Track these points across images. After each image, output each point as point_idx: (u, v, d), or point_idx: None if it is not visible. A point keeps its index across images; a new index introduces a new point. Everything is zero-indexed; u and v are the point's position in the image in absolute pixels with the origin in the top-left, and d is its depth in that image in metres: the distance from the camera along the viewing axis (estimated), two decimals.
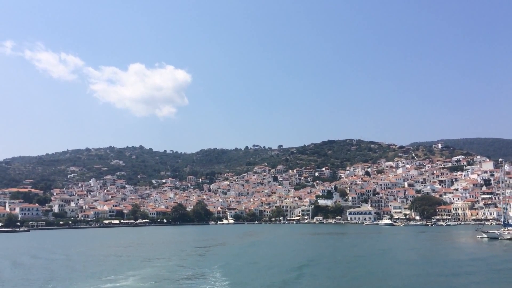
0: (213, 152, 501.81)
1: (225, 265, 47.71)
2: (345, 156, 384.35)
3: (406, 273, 41.57)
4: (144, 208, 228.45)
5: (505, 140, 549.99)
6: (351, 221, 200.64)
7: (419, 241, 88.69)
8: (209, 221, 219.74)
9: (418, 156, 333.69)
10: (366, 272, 41.75)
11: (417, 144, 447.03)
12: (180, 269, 45.66)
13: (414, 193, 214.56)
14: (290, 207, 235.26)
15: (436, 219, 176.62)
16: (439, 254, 59.32)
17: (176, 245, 79.80)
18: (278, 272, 41.13)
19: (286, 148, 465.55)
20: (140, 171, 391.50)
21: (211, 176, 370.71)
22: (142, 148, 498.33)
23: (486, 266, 45.28)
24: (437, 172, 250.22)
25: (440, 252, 62.67)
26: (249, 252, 66.12)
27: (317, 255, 56.85)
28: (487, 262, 47.84)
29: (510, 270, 41.99)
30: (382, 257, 55.72)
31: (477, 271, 41.93)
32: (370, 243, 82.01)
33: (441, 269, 43.26)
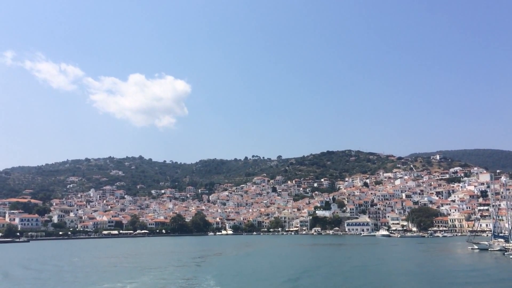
0: (212, 162, 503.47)
1: (220, 274, 49.37)
2: (343, 167, 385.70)
3: (401, 282, 43.21)
4: (143, 219, 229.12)
5: (504, 152, 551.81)
6: (349, 232, 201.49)
7: (414, 252, 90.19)
8: (208, 232, 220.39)
9: (416, 168, 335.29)
10: (363, 282, 43.20)
11: (416, 155, 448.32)
12: (176, 278, 47.42)
13: (411, 205, 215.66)
14: (288, 218, 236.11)
15: (432, 231, 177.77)
16: (431, 265, 60.96)
17: (173, 255, 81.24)
18: (273, 283, 42.58)
19: (285, 159, 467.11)
20: (140, 181, 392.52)
21: (210, 187, 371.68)
22: (142, 159, 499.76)
23: (477, 276, 46.87)
24: (434, 183, 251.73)
25: (432, 263, 64.33)
26: (245, 262, 67.69)
27: (314, 265, 58.27)
28: (478, 273, 49.40)
29: (501, 281, 43.71)
30: (378, 267, 57.30)
31: (469, 281, 43.52)
32: (366, 254, 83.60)
33: (434, 279, 44.83)
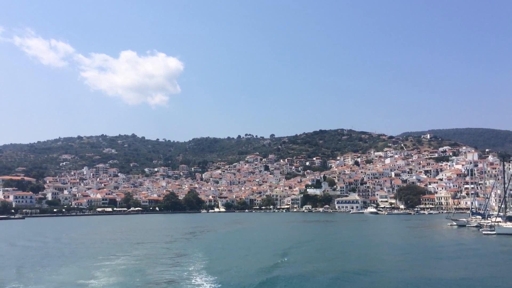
0: (205, 141, 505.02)
1: (209, 248, 52.24)
2: (336, 146, 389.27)
3: (382, 254, 46.59)
4: (136, 197, 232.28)
5: (495, 131, 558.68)
6: (338, 209, 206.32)
7: (398, 227, 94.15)
8: (201, 210, 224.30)
9: (407, 147, 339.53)
10: (347, 255, 46.14)
11: (408, 134, 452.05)
12: (167, 250, 50.28)
13: (400, 183, 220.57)
14: (280, 196, 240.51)
15: (419, 208, 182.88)
16: (410, 239, 64.77)
17: (166, 231, 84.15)
18: (262, 255, 45.29)
19: (278, 138, 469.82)
20: (133, 159, 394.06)
21: (203, 165, 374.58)
22: (135, 137, 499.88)
23: (451, 248, 50.33)
24: (423, 162, 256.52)
25: (412, 237, 68.20)
26: (234, 237, 70.75)
27: (302, 240, 60.82)
28: (453, 246, 52.96)
29: (472, 251, 47.48)
30: (362, 241, 61.05)
31: (441, 252, 46.96)
32: (353, 230, 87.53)
33: (412, 252, 48.22)
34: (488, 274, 33.70)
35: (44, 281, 32.39)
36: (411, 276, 32.38)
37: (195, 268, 36.31)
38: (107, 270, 36.04)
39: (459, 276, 32.46)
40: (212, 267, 36.48)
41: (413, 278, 31.66)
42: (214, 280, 30.93)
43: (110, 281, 31.72)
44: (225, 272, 34.14)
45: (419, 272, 34.26)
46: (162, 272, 34.66)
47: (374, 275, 32.78)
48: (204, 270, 34.88)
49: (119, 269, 36.39)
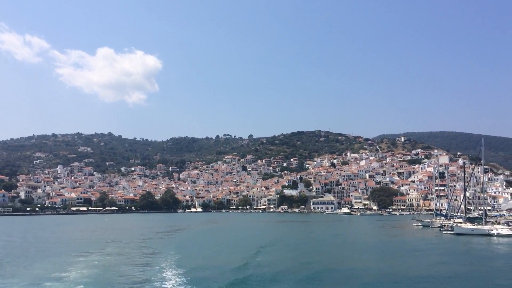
0: (183, 140, 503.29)
1: (182, 245, 53.76)
2: (313, 147, 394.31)
3: (350, 252, 49.44)
4: (112, 196, 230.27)
5: (467, 134, 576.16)
6: (314, 210, 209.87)
7: (368, 228, 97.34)
8: (177, 209, 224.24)
9: (382, 149, 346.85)
10: (317, 253, 48.44)
11: (384, 136, 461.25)
12: (141, 247, 51.68)
13: (374, 184, 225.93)
14: (257, 196, 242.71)
15: (391, 209, 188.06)
16: (376, 238, 67.87)
17: (140, 230, 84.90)
18: (231, 252, 47.01)
19: (256, 138, 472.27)
20: (109, 158, 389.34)
21: (181, 165, 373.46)
22: (111, 135, 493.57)
23: (412, 247, 53.47)
24: (397, 164, 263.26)
25: (377, 236, 71.38)
26: (208, 235, 72.35)
27: (274, 239, 62.97)
28: (414, 244, 56.30)
29: (431, 249, 50.65)
30: (333, 240, 63.87)
31: (402, 249, 49.97)
32: (324, 229, 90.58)
33: (377, 249, 51.30)
34: (439, 269, 36.51)
35: (19, 274, 33.49)
36: (376, 272, 34.87)
37: (166, 264, 37.77)
38: (80, 265, 37.14)
39: (414, 272, 35.15)
40: (183, 264, 37.91)
41: (377, 273, 34.15)
42: (184, 276, 32.40)
43: (83, 274, 32.97)
44: (196, 269, 35.56)
45: (383, 268, 36.88)
46: (133, 268, 35.93)
47: (342, 272, 34.99)
48: (175, 267, 36.33)
49: (91, 265, 37.57)
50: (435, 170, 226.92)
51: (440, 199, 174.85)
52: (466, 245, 55.84)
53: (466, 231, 65.71)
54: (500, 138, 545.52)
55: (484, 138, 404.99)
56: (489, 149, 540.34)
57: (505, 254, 47.51)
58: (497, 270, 36.82)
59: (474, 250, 51.74)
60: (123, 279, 31.37)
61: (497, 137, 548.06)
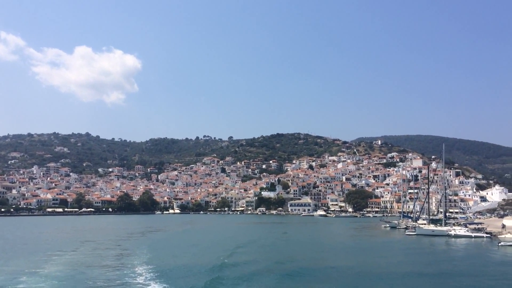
0: (163, 141, 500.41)
1: (155, 245, 55.37)
2: (292, 150, 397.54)
3: (321, 251, 52.22)
4: (89, 197, 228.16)
5: (443, 138, 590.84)
6: (291, 212, 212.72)
7: (340, 229, 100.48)
8: (155, 211, 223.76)
9: (359, 152, 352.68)
10: (290, 252, 50.89)
11: (362, 139, 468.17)
12: (115, 247, 53.12)
13: (350, 187, 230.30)
14: (235, 198, 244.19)
15: (366, 211, 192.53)
16: (345, 238, 71.03)
17: (116, 231, 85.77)
18: (199, 252, 48.89)
19: (236, 140, 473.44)
20: (86, 159, 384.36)
21: (160, 166, 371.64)
22: (89, 135, 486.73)
23: (375, 246, 56.79)
24: (373, 167, 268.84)
25: (347, 236, 74.62)
26: (182, 236, 73.97)
27: (248, 240, 64.71)
28: (378, 244, 59.60)
29: (393, 249, 53.90)
30: (307, 240, 67.02)
31: (367, 248, 53.08)
32: (298, 231, 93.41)
33: (343, 248, 54.30)
34: (399, 266, 39.73)
35: None
36: (343, 269, 37.86)
37: (137, 263, 39.34)
38: (54, 263, 38.55)
39: (376, 269, 38.30)
40: (154, 263, 39.52)
41: (344, 270, 37.16)
42: (154, 274, 33.95)
43: (57, 270, 34.46)
44: (166, 268, 37.10)
45: (349, 265, 39.91)
46: (105, 266, 37.46)
47: (312, 269, 37.67)
48: (146, 266, 37.92)
49: (65, 262, 38.96)
50: (408, 173, 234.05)
51: (408, 202, 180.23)
52: (425, 245, 59.99)
53: (427, 232, 69.48)
54: (474, 142, 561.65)
55: (459, 142, 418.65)
56: (463, 153, 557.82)
57: (456, 252, 52.18)
58: (448, 266, 40.12)
59: (431, 249, 55.77)
60: (94, 275, 32.94)
61: (471, 141, 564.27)
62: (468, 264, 41.93)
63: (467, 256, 49.20)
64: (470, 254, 50.36)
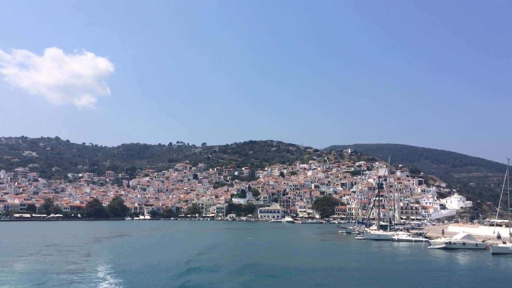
0: (135, 146, 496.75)
1: (118, 249, 58.30)
2: (264, 157, 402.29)
3: (275, 254, 56.75)
4: (57, 203, 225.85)
5: (412, 147, 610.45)
6: (261, 218, 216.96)
7: (303, 234, 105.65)
8: (125, 217, 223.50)
9: (329, 160, 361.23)
10: (249, 255, 54.67)
11: (334, 147, 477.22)
12: (75, 250, 55.71)
13: (318, 194, 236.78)
14: (206, 205, 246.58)
15: (332, 218, 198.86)
16: (305, 242, 76.08)
17: (81, 236, 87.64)
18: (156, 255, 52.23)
19: (209, 146, 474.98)
20: (55, 163, 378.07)
21: (131, 172, 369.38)
22: (58, 139, 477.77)
23: (325, 248, 62.00)
24: (341, 175, 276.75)
25: (307, 240, 79.74)
26: (145, 241, 76.76)
27: (210, 245, 68.03)
28: (329, 247, 65.07)
29: (342, 251, 59.15)
30: (268, 244, 71.70)
31: (320, 250, 58.15)
32: (264, 235, 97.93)
33: (301, 250, 59.15)
34: (345, 264, 44.61)
35: None
36: (298, 267, 43.03)
37: (97, 264, 42.38)
38: (17, 264, 41.16)
39: (325, 265, 43.07)
40: (116, 265, 42.45)
41: (299, 268, 42.32)
42: (115, 274, 36.92)
43: (19, 270, 37.18)
44: (126, 269, 40.02)
45: (303, 264, 45.30)
46: (67, 267, 40.27)
47: (269, 267, 42.48)
48: (106, 266, 41.04)
49: (27, 264, 41.59)
50: (375, 181, 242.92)
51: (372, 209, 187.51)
52: (370, 247, 66.56)
53: (374, 236, 75.66)
54: (442, 151, 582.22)
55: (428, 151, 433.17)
56: (431, 162, 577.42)
57: (394, 254, 58.70)
58: (386, 266, 45.56)
59: (373, 251, 62.11)
60: (55, 275, 35.81)
61: (439, 151, 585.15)
62: (387, 262, 48.98)
63: (394, 255, 57.24)
64: (397, 254, 58.36)
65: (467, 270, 43.24)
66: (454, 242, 59.11)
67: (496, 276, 39.41)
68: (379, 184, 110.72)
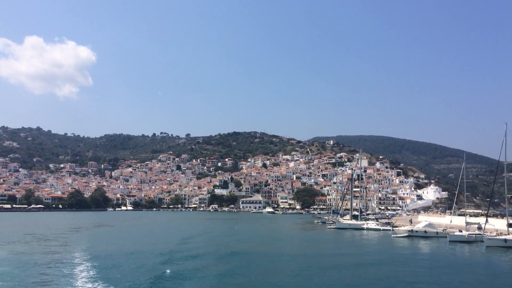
0: (118, 137, 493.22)
1: (95, 238, 60.09)
2: (248, 148, 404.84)
3: (249, 242, 59.13)
4: (38, 194, 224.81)
5: (393, 139, 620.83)
6: (243, 209, 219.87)
7: (282, 224, 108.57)
8: (107, 208, 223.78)
9: (312, 151, 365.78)
10: (227, 243, 57.29)
11: (318, 139, 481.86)
12: (54, 239, 57.27)
13: (300, 185, 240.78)
14: (188, 196, 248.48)
15: (312, 208, 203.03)
16: (281, 230, 79.08)
17: (61, 226, 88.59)
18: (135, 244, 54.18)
19: (193, 137, 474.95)
20: (37, 154, 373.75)
21: (114, 163, 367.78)
22: (40, 130, 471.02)
23: (299, 236, 65.22)
24: (322, 166, 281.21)
25: (283, 229, 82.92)
26: (124, 231, 78.50)
27: (186, 236, 69.88)
28: (303, 235, 68.34)
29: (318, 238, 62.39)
30: (244, 233, 74.40)
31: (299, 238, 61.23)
32: (243, 225, 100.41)
33: (275, 236, 62.14)
34: (311, 249, 47.63)
35: None
36: (271, 253, 46.43)
37: (74, 251, 44.29)
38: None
39: (291, 251, 46.31)
40: (90, 251, 44.45)
41: (272, 253, 45.83)
42: (88, 259, 39.00)
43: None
44: (101, 256, 42.05)
45: (275, 250, 48.81)
46: (44, 256, 42.00)
47: (246, 253, 45.40)
48: (82, 253, 42.94)
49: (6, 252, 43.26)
50: (354, 172, 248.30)
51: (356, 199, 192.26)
52: (339, 235, 70.36)
53: (345, 225, 79.22)
54: (422, 143, 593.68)
55: (409, 143, 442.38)
56: (412, 153, 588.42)
57: (360, 241, 63.11)
58: (352, 251, 48.94)
59: (344, 238, 65.88)
60: (32, 262, 37.57)
61: (420, 142, 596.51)
62: (351, 246, 53.96)
63: (359, 242, 61.90)
64: (362, 241, 63.14)
65: (423, 255, 47.04)
66: (416, 231, 62.89)
67: (448, 260, 42.92)
68: (352, 175, 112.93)
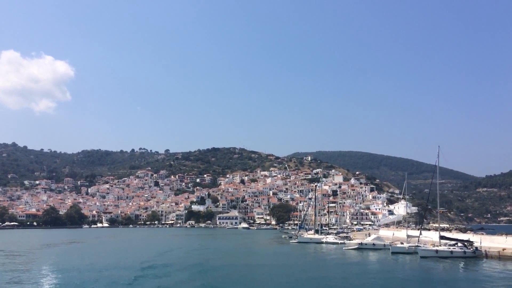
0: (96, 153, 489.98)
1: (64, 254, 62.30)
2: (227, 164, 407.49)
3: (219, 256, 62.43)
4: (13, 211, 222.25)
5: (372, 154, 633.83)
6: (219, 225, 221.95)
7: (254, 239, 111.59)
8: (83, 225, 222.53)
9: (290, 167, 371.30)
10: (199, 259, 59.81)
11: (297, 155, 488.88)
12: (23, 255, 59.19)
13: (276, 201, 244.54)
14: (165, 212, 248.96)
15: (288, 224, 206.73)
16: (250, 245, 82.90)
17: (32, 243, 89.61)
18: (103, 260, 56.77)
19: (172, 153, 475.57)
20: (11, 170, 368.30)
21: (91, 179, 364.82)
22: (15, 145, 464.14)
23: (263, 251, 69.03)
24: (298, 182, 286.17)
25: (252, 244, 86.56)
26: (95, 247, 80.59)
27: (157, 252, 72.23)
28: (266, 250, 72.35)
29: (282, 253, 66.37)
30: (218, 249, 77.42)
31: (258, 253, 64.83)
32: (214, 240, 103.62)
33: (235, 252, 65.75)
34: (275, 261, 51.35)
35: None
36: (239, 264, 49.91)
37: (40, 267, 46.80)
38: None
39: (257, 262, 49.69)
40: (56, 266, 46.93)
41: (240, 264, 49.29)
42: (53, 273, 41.60)
43: None
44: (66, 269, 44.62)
45: (244, 262, 51.37)
46: (11, 269, 44.50)
47: (213, 267, 48.47)
48: (48, 267, 45.53)
49: None
50: (330, 188, 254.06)
51: (325, 215, 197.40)
52: (298, 249, 74.52)
53: (306, 240, 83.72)
54: (400, 159, 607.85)
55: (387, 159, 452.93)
56: (390, 169, 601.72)
57: (315, 253, 67.50)
58: (307, 263, 52.64)
59: (301, 251, 70.12)
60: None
61: (398, 158, 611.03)
62: (303, 258, 57.63)
63: (313, 254, 66.21)
64: (316, 253, 67.46)
65: (359, 263, 53.33)
66: (365, 243, 67.95)
67: (384, 268, 48.37)
68: (315, 191, 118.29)
